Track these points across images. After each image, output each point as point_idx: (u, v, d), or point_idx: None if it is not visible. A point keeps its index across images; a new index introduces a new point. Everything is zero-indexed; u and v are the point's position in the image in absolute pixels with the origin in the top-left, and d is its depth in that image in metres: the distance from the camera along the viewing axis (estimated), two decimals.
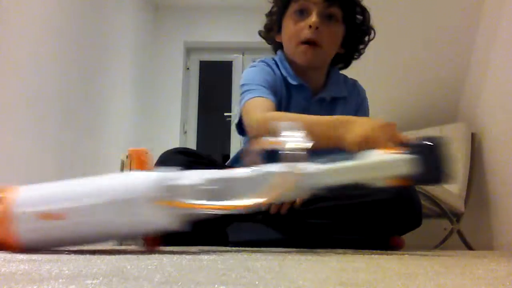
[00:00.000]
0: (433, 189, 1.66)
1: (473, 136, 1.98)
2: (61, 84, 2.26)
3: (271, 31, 1.16)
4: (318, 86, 1.13)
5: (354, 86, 1.17)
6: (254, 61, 1.18)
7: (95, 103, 2.69)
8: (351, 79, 1.20)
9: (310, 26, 1.03)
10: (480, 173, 1.89)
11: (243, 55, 3.90)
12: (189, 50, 4.04)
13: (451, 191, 1.76)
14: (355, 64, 1.21)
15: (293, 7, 1.08)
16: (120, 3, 3.11)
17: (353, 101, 1.15)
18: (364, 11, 1.12)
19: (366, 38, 1.14)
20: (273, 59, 1.15)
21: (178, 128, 3.79)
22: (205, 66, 4.10)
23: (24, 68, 1.94)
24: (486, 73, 1.93)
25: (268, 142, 0.62)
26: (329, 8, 1.05)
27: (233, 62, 3.98)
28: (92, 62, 2.66)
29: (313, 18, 1.03)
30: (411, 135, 0.77)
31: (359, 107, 1.15)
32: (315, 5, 1.04)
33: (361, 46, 1.15)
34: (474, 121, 2.02)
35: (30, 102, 1.99)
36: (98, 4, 2.74)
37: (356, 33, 1.12)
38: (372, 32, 1.14)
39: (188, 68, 4.03)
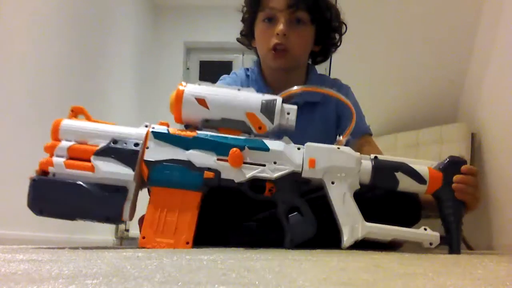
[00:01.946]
0: None
1: (473, 136, 1.98)
2: (61, 84, 2.26)
3: (247, 37, 1.20)
4: None
5: (333, 86, 1.17)
6: (232, 72, 1.22)
7: (95, 103, 2.69)
8: (332, 79, 1.22)
9: (277, 34, 1.07)
10: (480, 173, 1.89)
11: (243, 55, 3.90)
12: (189, 50, 4.04)
13: None
14: (355, 64, 1.22)
15: (261, 16, 1.11)
16: (120, 3, 3.11)
17: (331, 102, 1.15)
18: (331, 9, 1.14)
19: (338, 33, 1.18)
20: (247, 70, 1.20)
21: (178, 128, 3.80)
22: (205, 66, 4.10)
23: (25, 67, 1.95)
24: (486, 73, 1.93)
25: None
26: (295, 14, 1.08)
27: (233, 62, 3.98)
28: (92, 62, 2.66)
29: (280, 26, 1.06)
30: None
31: (341, 105, 1.14)
32: (281, 12, 1.07)
33: (335, 41, 1.18)
34: (474, 121, 2.03)
35: (30, 100, 1.99)
36: (98, 4, 2.74)
37: (327, 31, 1.15)
38: (344, 26, 1.18)
39: (188, 68, 4.04)
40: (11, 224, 1.85)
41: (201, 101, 0.80)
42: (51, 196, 0.75)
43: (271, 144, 0.81)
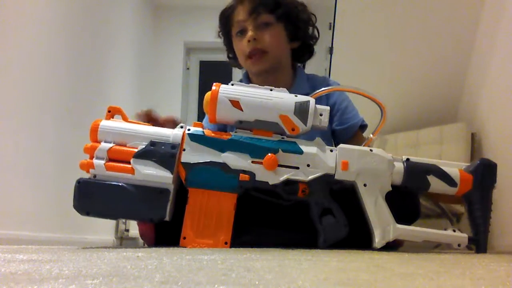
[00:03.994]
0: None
1: (473, 136, 1.98)
2: (61, 85, 2.26)
3: (233, 58, 1.26)
4: None
5: (322, 83, 1.19)
6: None
7: (95, 103, 2.69)
8: (321, 77, 1.25)
9: (249, 41, 1.13)
10: None
11: None
12: (189, 50, 4.04)
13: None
14: (355, 65, 1.23)
15: (233, 31, 1.19)
16: (119, 3, 3.12)
17: (322, 99, 1.16)
18: (294, 3, 1.19)
19: (310, 24, 1.21)
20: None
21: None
22: (205, 66, 4.10)
23: (24, 67, 1.95)
24: (486, 73, 1.93)
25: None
26: (259, 18, 1.13)
27: None
28: (91, 62, 2.66)
29: (249, 33, 1.13)
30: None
31: (332, 101, 1.18)
32: (246, 22, 1.14)
33: (310, 33, 1.22)
34: (474, 121, 2.03)
35: (30, 101, 1.99)
36: (97, 4, 2.74)
37: (298, 25, 1.19)
38: (313, 17, 1.22)
39: (188, 68, 4.04)
40: (11, 224, 1.85)
41: (235, 103, 0.81)
42: (96, 198, 0.78)
43: (305, 147, 0.82)
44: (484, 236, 0.84)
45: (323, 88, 0.91)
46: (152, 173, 0.78)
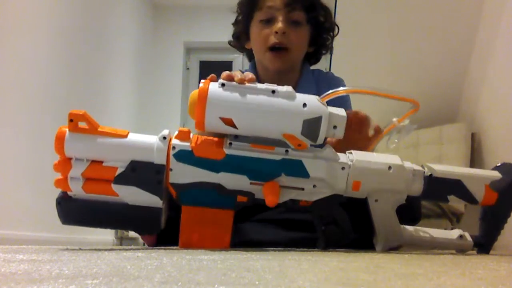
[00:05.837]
0: None
1: (473, 136, 1.98)
2: (60, 84, 2.26)
3: (240, 39, 1.20)
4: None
5: (325, 78, 1.19)
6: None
7: (94, 103, 2.69)
8: (325, 72, 1.22)
9: (276, 32, 1.06)
10: None
11: (243, 55, 3.91)
12: (189, 50, 4.04)
13: None
14: (355, 65, 1.23)
15: (258, 16, 1.11)
16: (119, 3, 3.12)
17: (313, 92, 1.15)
18: (326, 10, 1.15)
19: (330, 34, 1.18)
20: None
21: (178, 128, 3.81)
22: (205, 66, 4.10)
23: (24, 67, 1.95)
24: (486, 73, 1.93)
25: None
26: (293, 13, 1.08)
27: (233, 62, 3.98)
28: (91, 62, 2.66)
29: (279, 24, 1.06)
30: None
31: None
32: (279, 11, 1.07)
33: (328, 42, 1.19)
34: (474, 121, 2.03)
35: (29, 101, 1.99)
36: (98, 4, 2.74)
37: (321, 32, 1.16)
38: (336, 28, 1.18)
39: (188, 68, 4.04)
40: (11, 224, 1.85)
41: (228, 121, 0.68)
42: (83, 213, 0.71)
43: (312, 168, 0.72)
44: (492, 242, 0.81)
45: (336, 89, 0.77)
46: (138, 199, 0.70)
